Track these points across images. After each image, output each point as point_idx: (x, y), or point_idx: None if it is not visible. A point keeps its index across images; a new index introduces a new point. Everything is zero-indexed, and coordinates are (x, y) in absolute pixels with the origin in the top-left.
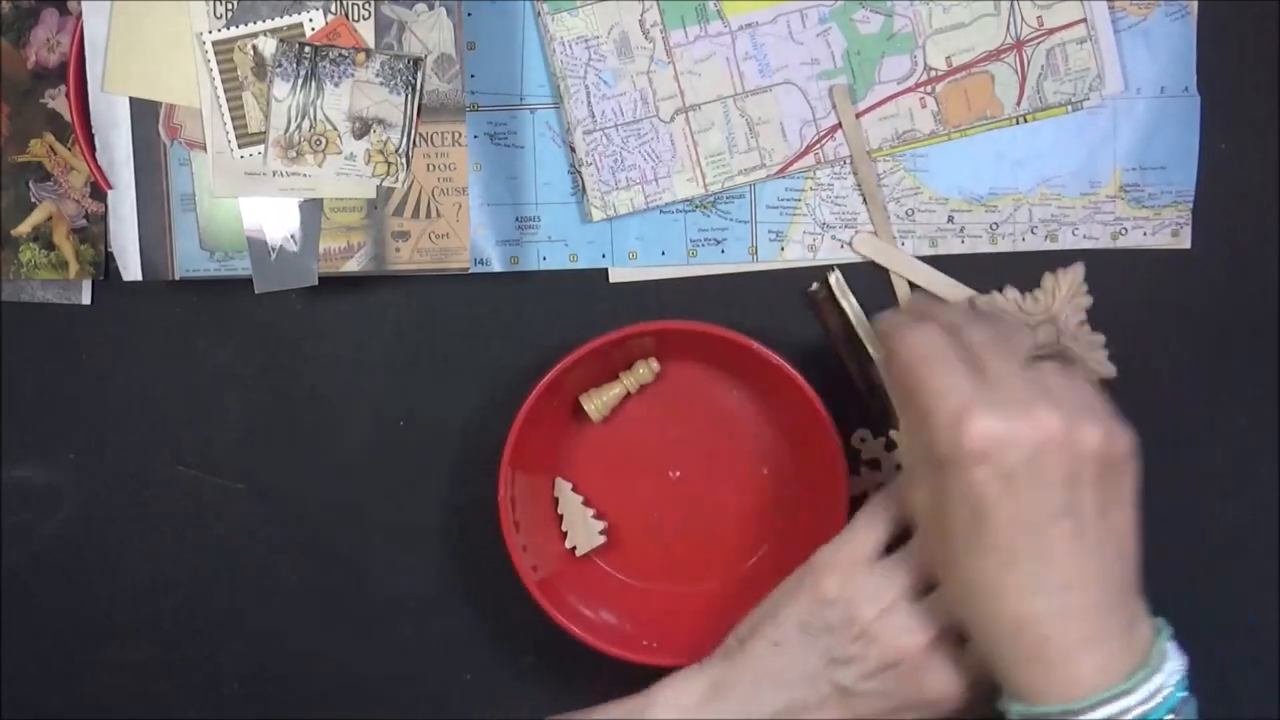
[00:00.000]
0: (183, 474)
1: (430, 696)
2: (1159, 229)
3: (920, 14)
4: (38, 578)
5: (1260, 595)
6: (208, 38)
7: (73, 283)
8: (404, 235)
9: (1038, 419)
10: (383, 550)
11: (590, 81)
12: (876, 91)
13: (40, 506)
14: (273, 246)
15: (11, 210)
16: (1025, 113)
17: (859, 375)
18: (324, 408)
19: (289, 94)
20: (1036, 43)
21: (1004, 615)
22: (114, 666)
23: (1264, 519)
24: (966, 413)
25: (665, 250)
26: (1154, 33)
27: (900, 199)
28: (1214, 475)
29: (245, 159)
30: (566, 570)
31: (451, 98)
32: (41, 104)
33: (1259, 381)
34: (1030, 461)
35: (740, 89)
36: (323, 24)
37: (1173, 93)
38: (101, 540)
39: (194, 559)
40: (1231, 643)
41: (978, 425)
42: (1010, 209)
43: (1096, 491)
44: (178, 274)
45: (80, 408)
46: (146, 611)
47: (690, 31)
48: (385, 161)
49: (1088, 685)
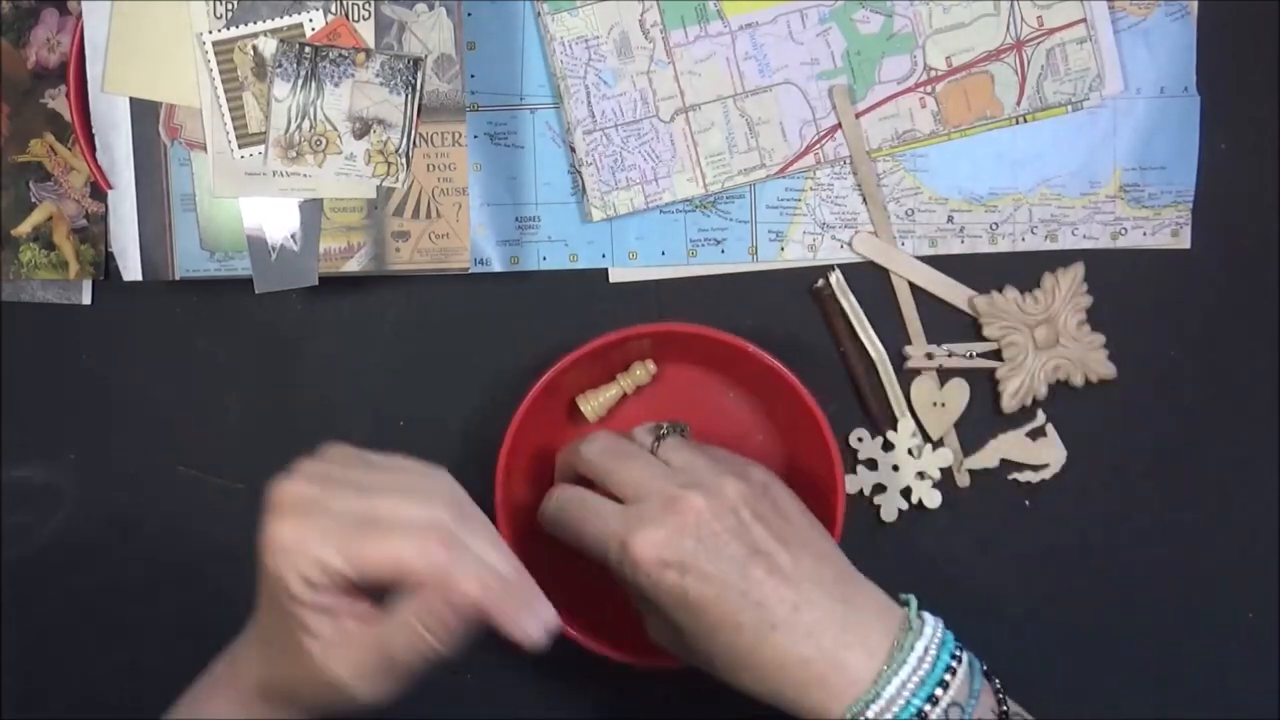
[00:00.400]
0: (183, 474)
1: (430, 696)
2: (1159, 229)
3: (920, 14)
4: (38, 578)
5: (1260, 595)
6: (208, 38)
7: (73, 283)
8: (404, 235)
9: (681, 506)
10: None
11: (590, 81)
12: (876, 91)
13: (40, 506)
14: (273, 246)
15: (11, 210)
16: (1025, 113)
17: (861, 375)
18: (324, 408)
19: (289, 94)
20: (1036, 43)
21: (763, 665)
22: (114, 666)
23: (1264, 519)
24: (624, 542)
25: (665, 250)
26: (1154, 33)
27: (900, 199)
28: (1214, 475)
29: (245, 159)
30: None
31: (451, 98)
32: (41, 104)
33: (1259, 381)
34: (697, 541)
35: (740, 89)
36: (323, 24)
37: (1173, 93)
38: (101, 540)
39: (194, 559)
40: (1231, 643)
41: (638, 546)
42: (1010, 209)
43: (761, 525)
44: (178, 274)
45: (80, 408)
46: (146, 611)
47: (690, 31)
48: (385, 161)
49: (865, 676)
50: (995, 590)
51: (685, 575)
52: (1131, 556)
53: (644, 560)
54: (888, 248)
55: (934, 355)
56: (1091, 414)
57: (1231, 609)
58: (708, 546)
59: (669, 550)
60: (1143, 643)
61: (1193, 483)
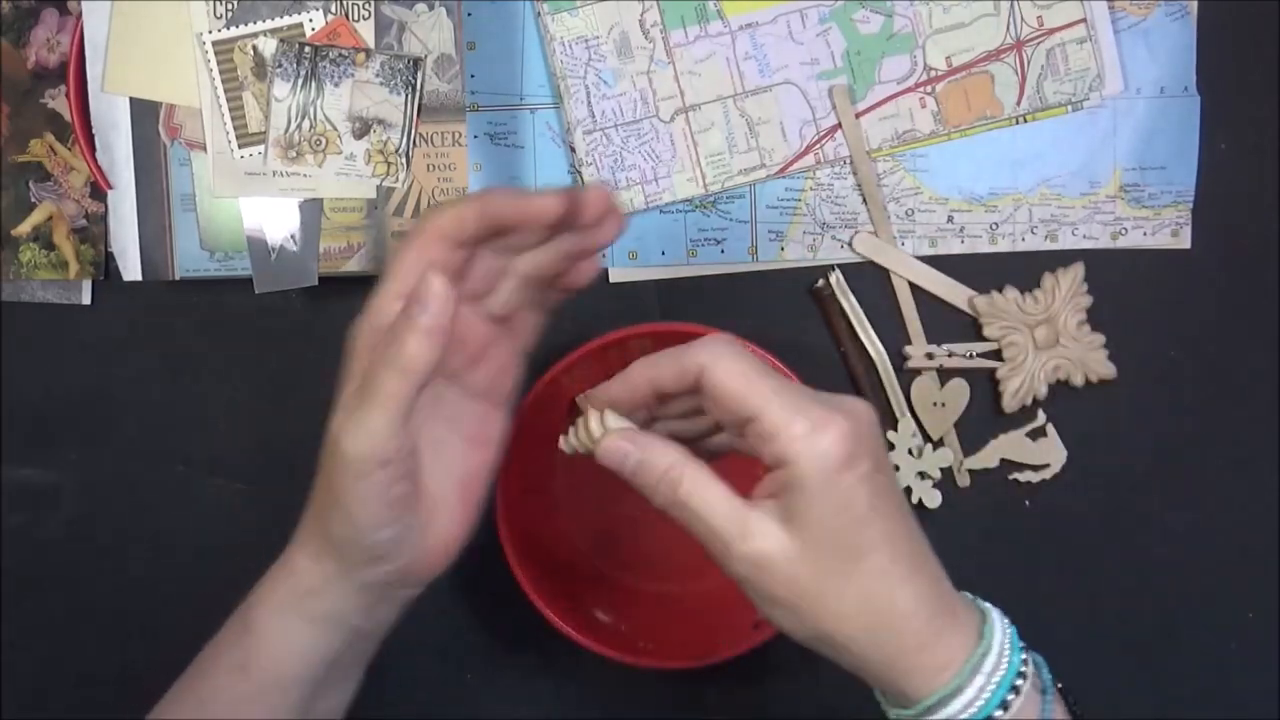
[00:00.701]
0: (183, 474)
1: (431, 696)
2: (1159, 229)
3: (920, 14)
4: (38, 578)
5: (1260, 595)
6: (208, 38)
7: (73, 283)
8: (404, 235)
9: (854, 404)
10: None
11: (590, 81)
12: (876, 91)
13: (40, 506)
14: (273, 246)
15: (11, 210)
16: (1025, 113)
17: (861, 375)
18: (324, 408)
19: (289, 94)
20: (1036, 43)
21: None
22: (114, 666)
23: (1264, 519)
24: (828, 417)
25: (665, 250)
26: (1154, 33)
27: (900, 199)
28: (1214, 475)
29: (245, 159)
30: (563, 572)
31: (451, 98)
32: (41, 104)
33: (1259, 381)
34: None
35: (740, 89)
36: (323, 24)
37: (1173, 93)
38: (101, 540)
39: (194, 559)
40: (1231, 643)
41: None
42: (1010, 209)
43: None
44: (178, 274)
45: (80, 408)
46: (147, 612)
47: (690, 31)
48: (385, 161)
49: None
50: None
51: (874, 473)
52: (1131, 556)
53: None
54: (888, 248)
55: (934, 355)
56: (1091, 414)
57: (1231, 609)
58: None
59: (865, 434)
60: (1143, 643)
61: (1193, 483)
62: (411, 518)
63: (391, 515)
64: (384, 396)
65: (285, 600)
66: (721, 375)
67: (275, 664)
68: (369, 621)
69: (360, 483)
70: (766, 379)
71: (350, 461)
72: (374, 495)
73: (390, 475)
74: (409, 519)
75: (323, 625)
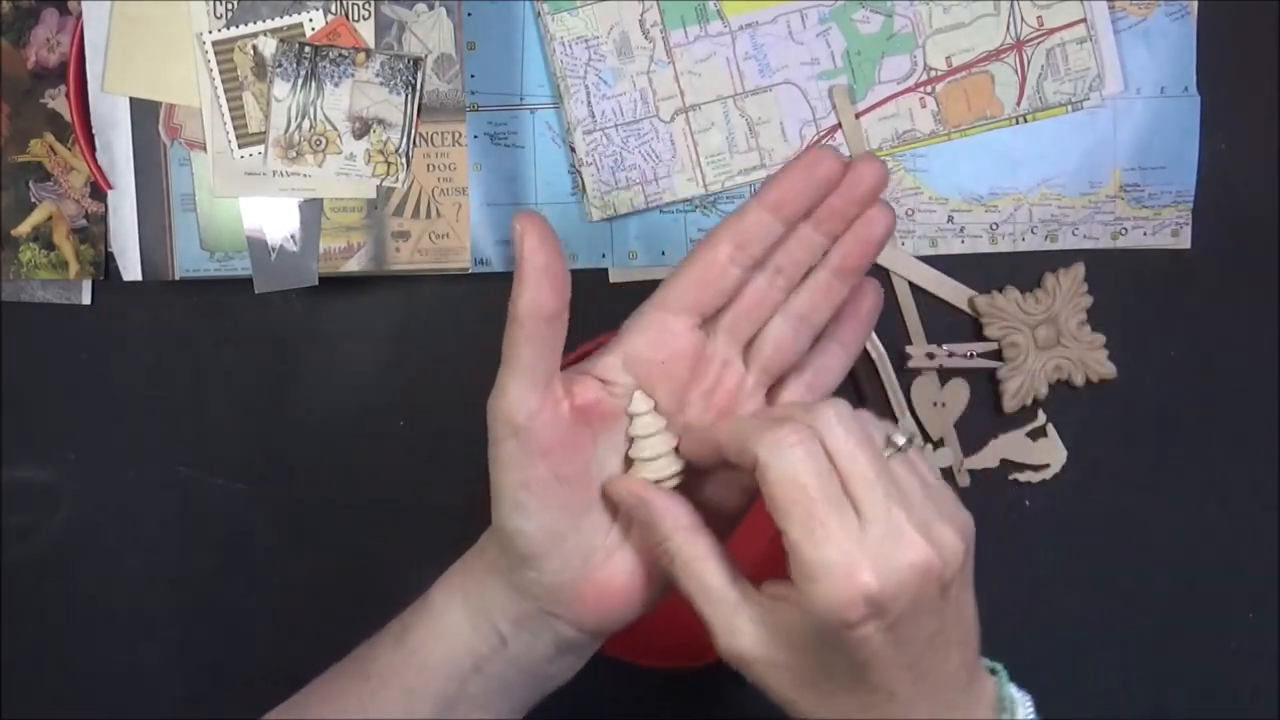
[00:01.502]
0: (183, 474)
1: None
2: (1159, 229)
3: (920, 14)
4: (38, 578)
5: (1260, 595)
6: (208, 38)
7: (73, 283)
8: (404, 235)
9: (913, 557)
10: (382, 551)
11: (590, 81)
12: (876, 91)
13: (40, 506)
14: (273, 246)
15: (11, 210)
16: (1025, 113)
17: (861, 375)
18: (324, 408)
19: (289, 94)
20: (1036, 43)
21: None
22: (114, 666)
23: (1264, 519)
24: (852, 575)
25: (665, 250)
26: (1154, 33)
27: (900, 199)
28: (1214, 475)
29: (245, 159)
30: None
31: (451, 98)
32: (41, 104)
33: (1259, 381)
34: (911, 602)
35: (740, 89)
36: (323, 24)
37: (1173, 93)
38: (101, 540)
39: (194, 559)
40: (1231, 643)
41: (864, 586)
42: (1010, 209)
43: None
44: (178, 274)
45: (80, 408)
46: (146, 611)
47: (690, 31)
48: (385, 161)
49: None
50: (995, 590)
51: (880, 635)
52: (1131, 556)
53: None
54: (888, 247)
55: (934, 355)
56: (1091, 414)
57: (1231, 609)
58: (913, 610)
59: (883, 606)
60: (1143, 643)
61: (1193, 483)
62: (559, 522)
63: (530, 498)
64: (507, 354)
65: (458, 580)
66: (773, 484)
67: (426, 640)
68: (516, 640)
69: (497, 448)
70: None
71: (491, 425)
72: (510, 464)
73: (524, 446)
74: (555, 520)
75: (476, 617)
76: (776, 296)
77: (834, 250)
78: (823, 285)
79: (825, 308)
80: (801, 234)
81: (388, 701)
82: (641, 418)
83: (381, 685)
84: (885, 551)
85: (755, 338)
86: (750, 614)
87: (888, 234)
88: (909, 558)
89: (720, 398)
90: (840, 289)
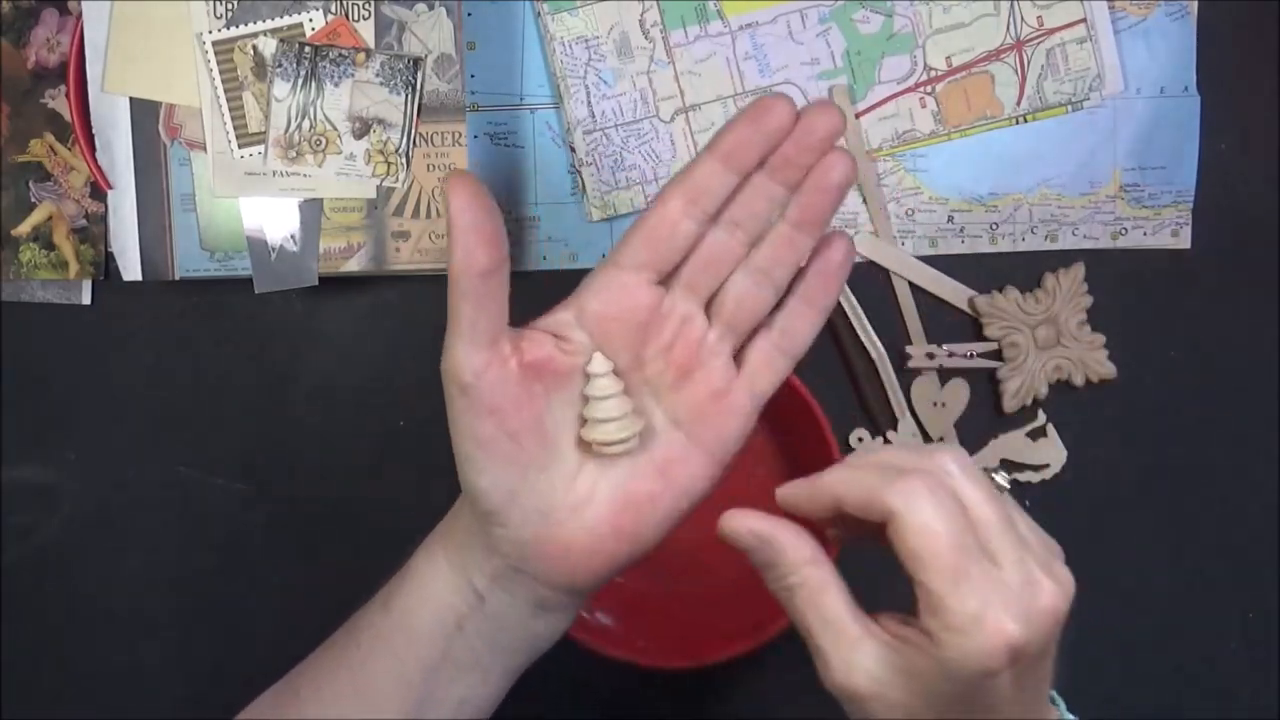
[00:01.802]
0: (183, 474)
1: None
2: (1159, 229)
3: (920, 14)
4: (38, 578)
5: (1260, 595)
6: (208, 38)
7: (73, 283)
8: (404, 235)
9: (1047, 602)
10: (383, 551)
11: (590, 81)
12: (876, 91)
13: (40, 506)
14: (273, 246)
15: (11, 210)
16: (1025, 113)
17: (861, 375)
18: (324, 408)
19: (289, 94)
20: (1036, 43)
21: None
22: (114, 666)
23: (1264, 519)
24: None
25: None
26: (1154, 33)
27: (900, 199)
28: (1214, 475)
29: (245, 159)
30: None
31: (451, 98)
32: (41, 104)
33: (1259, 381)
34: (1043, 646)
35: (740, 89)
36: (323, 24)
37: (1172, 93)
38: (101, 540)
39: (194, 559)
40: (1231, 643)
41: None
42: (1010, 209)
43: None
44: (178, 274)
45: (80, 408)
46: (146, 611)
47: (690, 31)
48: (385, 161)
49: None
50: None
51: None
52: (1131, 556)
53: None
54: (888, 248)
55: (934, 355)
56: (1091, 414)
57: (1231, 609)
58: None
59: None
60: (1143, 643)
61: (1193, 483)
62: (513, 478)
63: (481, 453)
64: (450, 314)
65: (438, 543)
66: (912, 536)
67: (410, 604)
68: (492, 597)
69: (450, 407)
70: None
71: (444, 385)
72: (461, 422)
73: (472, 404)
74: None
75: (455, 577)
76: (737, 250)
77: (792, 201)
78: (784, 238)
79: (789, 261)
80: (756, 184)
81: (377, 666)
82: (599, 379)
83: (370, 653)
84: (1024, 598)
85: (717, 293)
86: (871, 652)
87: (846, 181)
88: (1044, 603)
89: (680, 353)
90: (803, 241)
